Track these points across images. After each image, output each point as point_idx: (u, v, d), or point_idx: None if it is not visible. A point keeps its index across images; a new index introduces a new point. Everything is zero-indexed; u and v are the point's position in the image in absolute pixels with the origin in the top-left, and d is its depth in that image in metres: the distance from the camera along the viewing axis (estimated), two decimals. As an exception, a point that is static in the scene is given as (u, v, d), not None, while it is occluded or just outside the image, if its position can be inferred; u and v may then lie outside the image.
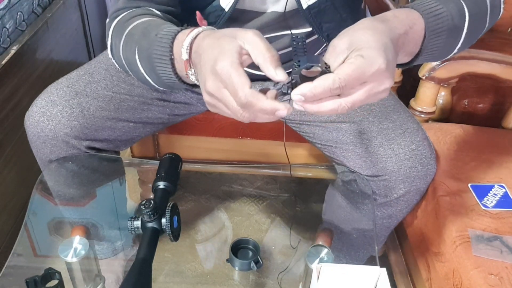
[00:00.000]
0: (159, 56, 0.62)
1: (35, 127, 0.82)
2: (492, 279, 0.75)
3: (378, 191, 0.88)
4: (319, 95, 0.50)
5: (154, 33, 0.64)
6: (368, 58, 0.50)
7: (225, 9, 0.78)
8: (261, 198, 1.35)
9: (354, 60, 0.50)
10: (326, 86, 0.49)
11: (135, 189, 1.20)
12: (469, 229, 0.82)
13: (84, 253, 0.74)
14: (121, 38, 0.71)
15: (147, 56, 0.65)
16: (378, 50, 0.51)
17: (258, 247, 0.89)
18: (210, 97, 0.55)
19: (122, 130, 0.89)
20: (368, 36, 0.52)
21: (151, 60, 0.64)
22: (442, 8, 0.62)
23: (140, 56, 0.67)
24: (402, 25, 0.57)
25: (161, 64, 0.63)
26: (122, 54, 0.72)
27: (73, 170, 0.89)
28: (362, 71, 0.50)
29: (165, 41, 0.61)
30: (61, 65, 1.35)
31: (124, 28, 0.70)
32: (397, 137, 0.85)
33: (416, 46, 0.61)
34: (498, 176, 0.92)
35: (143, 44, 0.65)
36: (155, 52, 0.63)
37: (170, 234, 0.71)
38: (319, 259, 0.74)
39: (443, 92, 1.10)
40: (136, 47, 0.67)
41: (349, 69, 0.50)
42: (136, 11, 0.73)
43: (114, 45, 0.74)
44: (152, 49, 0.63)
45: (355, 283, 0.65)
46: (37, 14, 1.26)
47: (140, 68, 0.69)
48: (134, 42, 0.67)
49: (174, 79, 0.63)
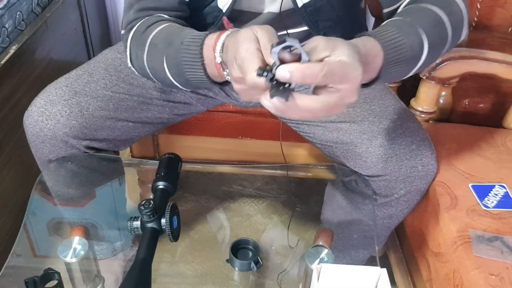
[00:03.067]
0: (189, 63, 0.66)
1: (34, 127, 0.82)
2: (493, 279, 0.74)
3: (379, 191, 0.88)
4: (305, 75, 0.51)
5: (178, 41, 0.67)
6: (352, 64, 0.53)
7: (222, 9, 0.79)
8: (261, 198, 1.35)
9: (341, 59, 0.52)
10: (315, 69, 0.51)
11: (135, 189, 1.20)
12: (470, 229, 0.82)
13: (83, 253, 0.74)
14: (143, 49, 0.73)
15: (176, 64, 0.68)
16: (358, 62, 0.54)
17: (258, 248, 0.89)
18: (238, 85, 0.57)
19: (121, 130, 0.88)
20: (350, 48, 0.54)
21: (180, 67, 0.67)
22: (403, 39, 0.64)
23: (169, 65, 0.70)
24: (367, 55, 0.60)
25: (192, 70, 0.67)
26: (147, 64, 0.74)
27: (72, 170, 0.89)
28: (347, 71, 0.52)
29: (193, 48, 0.65)
30: (61, 64, 1.35)
31: (144, 39, 0.73)
32: (398, 137, 0.85)
33: (374, 74, 0.64)
34: (499, 176, 0.92)
35: (170, 53, 0.69)
36: (184, 60, 0.66)
37: (169, 235, 0.71)
38: (319, 259, 0.74)
39: (444, 92, 1.10)
40: (164, 57, 0.70)
41: (338, 63, 0.52)
42: (150, 20, 0.75)
43: (135, 56, 0.76)
44: (180, 57, 0.67)
45: (355, 284, 0.65)
46: (36, 13, 1.26)
47: (168, 74, 0.71)
48: (160, 52, 0.71)
49: (206, 81, 0.67)
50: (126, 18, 0.78)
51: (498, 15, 1.39)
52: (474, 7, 1.37)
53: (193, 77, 0.68)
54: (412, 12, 0.70)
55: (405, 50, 0.65)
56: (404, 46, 0.65)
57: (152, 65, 0.73)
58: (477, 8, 1.39)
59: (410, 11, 0.71)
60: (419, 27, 0.67)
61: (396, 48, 0.64)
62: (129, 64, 0.79)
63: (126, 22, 0.78)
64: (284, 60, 0.52)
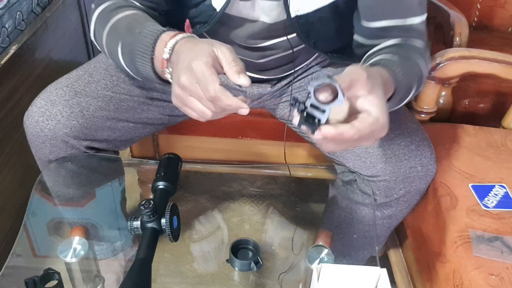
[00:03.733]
0: (141, 53, 0.67)
1: (34, 127, 0.82)
2: (493, 279, 0.74)
3: (378, 191, 0.88)
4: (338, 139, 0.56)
5: (138, 30, 0.68)
6: (381, 126, 0.58)
7: (216, 9, 0.78)
8: (261, 198, 1.35)
9: (371, 120, 0.57)
10: (346, 136, 0.56)
11: (135, 189, 1.20)
12: (470, 229, 0.82)
13: (83, 253, 0.74)
14: (104, 28, 0.74)
15: (129, 51, 0.70)
16: (387, 118, 0.59)
17: (258, 248, 0.89)
18: (181, 91, 0.61)
19: (121, 130, 0.88)
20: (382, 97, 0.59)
21: (133, 56, 0.68)
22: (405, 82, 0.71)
23: (123, 50, 0.71)
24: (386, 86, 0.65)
25: (142, 61, 0.68)
26: (105, 43, 0.75)
27: (72, 170, 0.89)
28: (374, 130, 0.58)
29: (148, 41, 0.66)
30: (61, 64, 1.35)
31: (108, 18, 0.74)
32: (397, 137, 0.85)
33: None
34: (499, 176, 0.92)
35: (127, 39, 0.70)
36: (137, 49, 0.67)
37: (169, 235, 0.71)
38: (319, 259, 0.74)
39: (444, 92, 1.10)
40: (119, 42, 0.71)
41: (368, 128, 0.57)
42: (120, 2, 0.76)
43: (97, 32, 0.77)
44: (135, 45, 0.68)
45: (355, 284, 0.65)
46: (36, 13, 1.26)
47: (121, 60, 0.73)
48: (118, 36, 0.72)
49: (152, 75, 0.68)
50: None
51: (498, 15, 1.39)
52: (474, 7, 1.37)
53: (142, 68, 0.69)
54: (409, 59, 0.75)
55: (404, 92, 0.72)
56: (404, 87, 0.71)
57: (109, 47, 0.75)
58: (477, 8, 1.39)
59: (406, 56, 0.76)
60: (413, 77, 0.74)
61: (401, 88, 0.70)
62: (92, 37, 0.80)
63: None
64: (319, 96, 0.55)
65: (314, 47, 0.86)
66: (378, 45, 0.80)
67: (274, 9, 0.79)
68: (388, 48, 0.78)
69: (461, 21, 1.20)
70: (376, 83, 0.60)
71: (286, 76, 0.96)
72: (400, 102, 0.75)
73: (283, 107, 0.99)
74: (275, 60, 0.90)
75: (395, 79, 0.68)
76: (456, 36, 1.18)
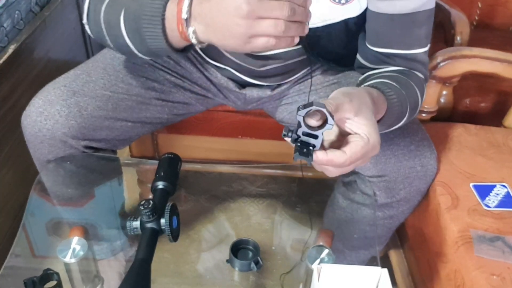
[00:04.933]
0: (149, 16, 0.61)
1: (32, 127, 0.81)
2: (494, 279, 0.74)
3: (379, 192, 0.88)
4: (330, 165, 0.58)
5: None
6: (372, 143, 0.58)
7: None
8: (261, 198, 1.35)
9: (362, 143, 0.57)
10: (337, 163, 0.57)
11: (134, 189, 1.20)
12: (471, 229, 0.82)
13: (82, 253, 0.73)
14: (102, 2, 0.70)
15: (135, 18, 0.64)
16: (378, 136, 0.59)
17: (258, 248, 0.89)
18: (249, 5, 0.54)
19: (120, 130, 0.88)
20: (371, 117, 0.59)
21: (139, 21, 0.63)
22: (398, 108, 0.71)
23: (126, 17, 0.66)
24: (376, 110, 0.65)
25: (149, 25, 0.62)
26: (102, 16, 0.70)
27: (71, 170, 0.89)
28: (366, 152, 0.58)
29: (157, 1, 0.61)
30: (59, 64, 1.35)
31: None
32: (396, 137, 0.85)
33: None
34: (500, 175, 0.92)
35: (132, 5, 0.65)
36: (145, 13, 0.62)
37: (169, 235, 0.71)
38: (320, 259, 0.73)
39: (445, 91, 1.09)
40: (122, 9, 0.66)
41: (359, 151, 0.57)
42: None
43: (93, 9, 0.73)
44: (142, 9, 0.62)
45: (356, 284, 0.65)
46: (35, 12, 1.26)
47: (123, 31, 0.67)
48: (120, 5, 0.67)
49: (161, 41, 0.62)
50: None
51: (499, 14, 1.39)
52: (475, 6, 1.37)
53: (149, 34, 0.63)
54: (407, 87, 0.75)
55: (396, 116, 0.72)
56: (397, 111, 0.71)
57: (108, 19, 0.69)
58: (478, 7, 1.39)
59: (405, 82, 0.75)
60: (408, 103, 0.74)
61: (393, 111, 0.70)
62: (85, 20, 0.75)
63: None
64: (309, 123, 0.56)
65: (316, 58, 0.86)
66: (380, 69, 0.81)
67: None
68: (388, 72, 0.79)
69: (462, 19, 1.20)
70: (363, 103, 0.59)
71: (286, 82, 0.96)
72: (390, 126, 0.75)
73: (282, 110, 0.99)
74: (276, 68, 0.90)
75: (387, 99, 0.68)
76: (457, 35, 1.18)
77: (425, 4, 0.75)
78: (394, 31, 0.77)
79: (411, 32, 0.77)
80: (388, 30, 0.77)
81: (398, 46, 0.78)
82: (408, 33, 0.77)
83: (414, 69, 0.80)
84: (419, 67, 0.81)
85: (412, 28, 0.77)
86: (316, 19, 0.79)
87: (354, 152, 0.57)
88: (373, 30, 0.79)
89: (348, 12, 0.78)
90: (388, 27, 0.77)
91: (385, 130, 0.75)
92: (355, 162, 0.58)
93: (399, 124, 0.77)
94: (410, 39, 0.78)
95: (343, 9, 0.78)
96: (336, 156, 0.57)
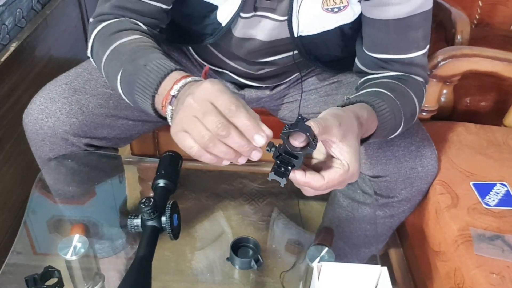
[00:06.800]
0: (142, 87, 0.63)
1: (33, 125, 0.82)
2: (494, 278, 0.74)
3: (380, 192, 0.88)
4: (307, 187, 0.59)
5: (142, 61, 0.64)
6: (351, 174, 0.59)
7: (222, 24, 0.78)
8: (262, 196, 1.35)
9: (341, 172, 0.59)
10: (315, 186, 0.58)
11: (135, 187, 1.20)
12: (471, 228, 0.82)
13: (83, 251, 0.74)
14: (105, 51, 0.71)
15: (129, 82, 0.66)
16: (358, 164, 0.60)
17: (259, 246, 0.89)
18: (196, 103, 0.54)
19: (121, 128, 0.88)
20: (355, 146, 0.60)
21: (132, 87, 0.65)
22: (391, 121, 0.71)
23: (122, 79, 0.68)
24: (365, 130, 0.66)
25: (142, 96, 0.64)
26: (103, 66, 0.72)
27: (72, 168, 0.89)
28: (344, 179, 0.59)
29: (153, 77, 0.62)
30: (61, 62, 1.35)
31: (110, 41, 0.71)
32: (397, 138, 0.85)
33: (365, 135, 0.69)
34: (500, 174, 0.92)
35: (128, 69, 0.66)
36: (139, 82, 0.63)
37: (170, 233, 0.71)
38: (320, 257, 0.73)
39: (445, 90, 1.09)
40: (120, 69, 0.68)
41: (338, 179, 0.59)
42: (124, 24, 0.73)
43: (95, 52, 0.75)
44: (137, 77, 0.64)
45: (356, 282, 0.65)
46: (36, 11, 1.26)
47: (119, 88, 0.70)
48: (120, 62, 0.68)
49: (149, 109, 0.64)
50: (100, 9, 0.77)
51: (500, 13, 1.39)
52: (475, 5, 1.37)
53: (141, 102, 0.65)
54: (402, 95, 0.75)
55: (389, 129, 0.73)
56: (390, 125, 0.72)
57: (107, 70, 0.72)
58: (479, 6, 1.39)
59: (400, 92, 0.75)
60: (403, 114, 0.74)
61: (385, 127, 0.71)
62: (88, 53, 0.77)
63: (99, 12, 0.76)
64: (292, 143, 0.57)
65: (314, 62, 0.86)
66: (378, 74, 0.81)
67: (276, 28, 0.79)
68: (386, 79, 0.78)
69: (463, 19, 1.20)
70: (349, 129, 0.60)
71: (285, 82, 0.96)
72: (385, 137, 0.76)
73: (284, 109, 0.99)
74: (273, 71, 0.91)
75: (379, 116, 0.68)
76: (458, 34, 1.18)
77: (421, 7, 0.74)
78: (390, 36, 0.76)
79: (408, 36, 0.76)
80: (384, 36, 0.77)
81: (395, 51, 0.78)
82: (405, 37, 0.76)
83: (413, 73, 0.80)
84: (418, 70, 0.80)
85: (408, 32, 0.76)
86: (311, 28, 0.78)
87: (331, 179, 0.58)
88: (369, 36, 0.79)
89: (342, 19, 0.78)
90: (384, 33, 0.76)
91: (380, 140, 0.75)
92: (331, 187, 0.59)
93: (394, 135, 0.77)
94: (406, 43, 0.77)
95: (337, 17, 0.77)
96: (314, 180, 0.58)
